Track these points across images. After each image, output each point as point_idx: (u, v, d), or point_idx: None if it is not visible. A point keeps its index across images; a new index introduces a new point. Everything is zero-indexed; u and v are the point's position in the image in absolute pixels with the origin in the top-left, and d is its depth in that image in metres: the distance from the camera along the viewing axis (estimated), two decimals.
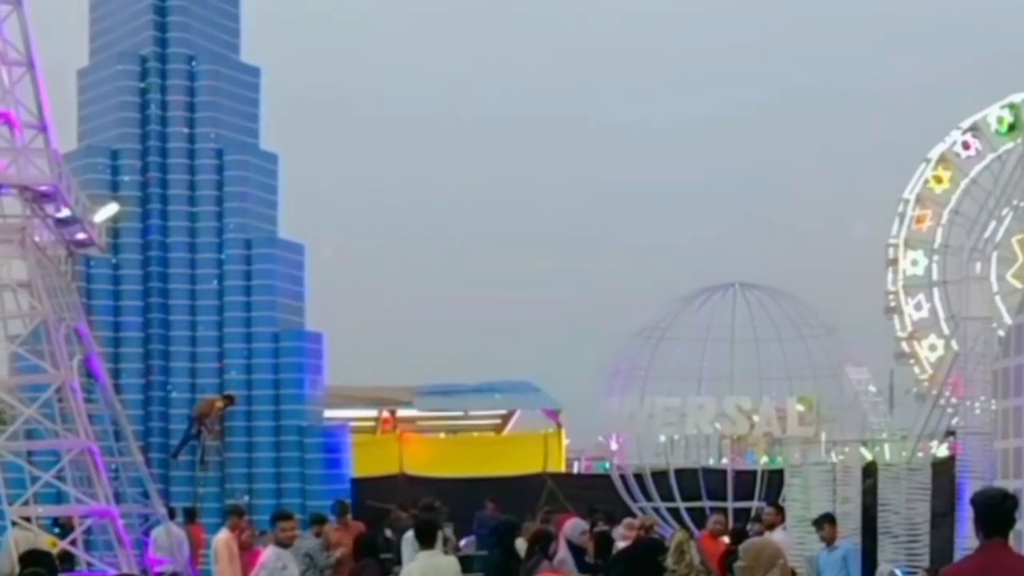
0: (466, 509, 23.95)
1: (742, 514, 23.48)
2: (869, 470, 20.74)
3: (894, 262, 37.92)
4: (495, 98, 66.75)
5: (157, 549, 19.71)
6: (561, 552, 14.28)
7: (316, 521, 18.64)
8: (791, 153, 66.33)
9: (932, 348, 37.11)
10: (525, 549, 14.19)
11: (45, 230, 18.49)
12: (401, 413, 33.44)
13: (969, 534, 12.67)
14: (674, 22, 70.29)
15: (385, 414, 33.23)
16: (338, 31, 68.02)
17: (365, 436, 30.81)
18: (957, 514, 18.23)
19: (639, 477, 26.32)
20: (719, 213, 66.37)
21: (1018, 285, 32.63)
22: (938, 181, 37.53)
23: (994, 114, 36.88)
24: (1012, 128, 36.23)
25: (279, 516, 14.43)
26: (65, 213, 18.16)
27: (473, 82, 67.44)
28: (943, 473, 19.87)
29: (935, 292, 37.58)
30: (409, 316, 62.85)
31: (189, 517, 22.31)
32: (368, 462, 27.91)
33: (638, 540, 16.54)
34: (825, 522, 16.90)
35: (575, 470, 33.02)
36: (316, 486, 25.97)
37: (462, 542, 23.04)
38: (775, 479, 24.15)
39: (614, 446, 27.61)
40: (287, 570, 13.72)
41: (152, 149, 26.53)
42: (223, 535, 16.43)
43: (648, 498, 26.12)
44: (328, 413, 27.89)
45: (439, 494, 22.47)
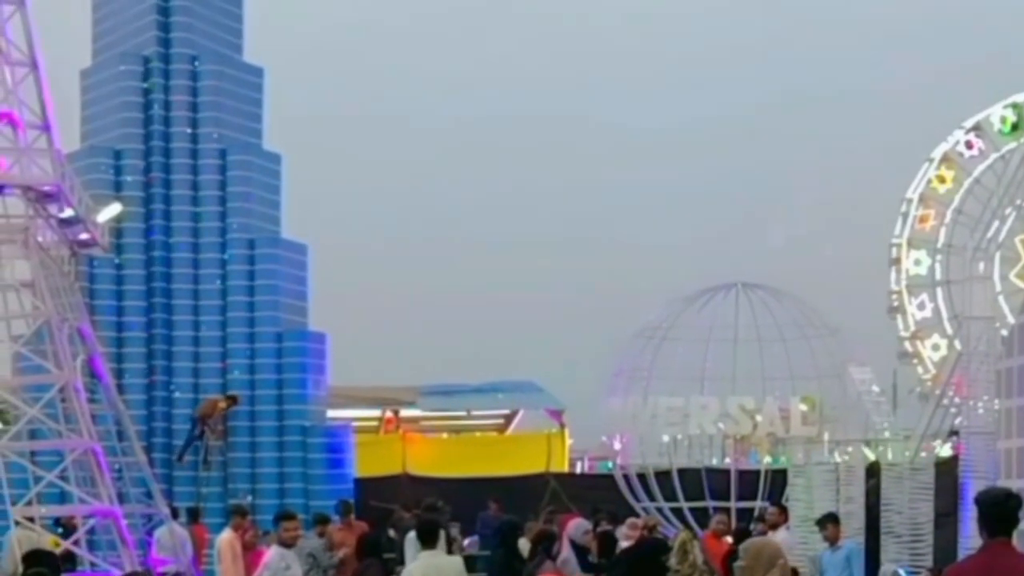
0: (469, 509, 23.92)
1: (745, 514, 23.45)
2: (872, 470, 20.68)
3: (897, 262, 37.95)
4: (495, 98, 66.83)
5: (160, 549, 19.68)
6: (564, 552, 14.26)
7: (319, 521, 18.59)
8: (791, 153, 66.42)
9: (935, 348, 37.16)
10: (528, 549, 14.18)
11: (48, 230, 18.48)
12: (404, 413, 33.43)
13: (972, 534, 12.62)
14: (674, 22, 70.39)
15: (388, 414, 33.24)
16: (339, 31, 68.09)
17: (368, 436, 30.81)
18: (960, 514, 18.19)
19: (642, 477, 26.28)
20: (719, 213, 66.45)
21: (1021, 285, 32.71)
22: (941, 181, 37.56)
23: (997, 113, 36.93)
24: (1015, 128, 36.30)
25: (282, 516, 14.38)
26: (68, 213, 18.16)
27: (473, 82, 67.50)
28: (946, 473, 19.82)
29: (938, 292, 37.63)
30: (412, 316, 62.96)
31: (192, 517, 22.27)
32: (371, 462, 27.90)
33: (641, 540, 16.51)
34: (828, 522, 16.85)
35: (578, 470, 33.04)
36: (319, 486, 25.96)
37: (465, 542, 23.07)
38: (778, 479, 24.08)
39: (617, 446, 27.60)
40: (290, 570, 13.67)
41: (155, 149, 26.52)
42: (226, 535, 16.37)
43: (651, 498, 26.07)
44: (331, 413, 27.90)
45: (442, 494, 22.52)
